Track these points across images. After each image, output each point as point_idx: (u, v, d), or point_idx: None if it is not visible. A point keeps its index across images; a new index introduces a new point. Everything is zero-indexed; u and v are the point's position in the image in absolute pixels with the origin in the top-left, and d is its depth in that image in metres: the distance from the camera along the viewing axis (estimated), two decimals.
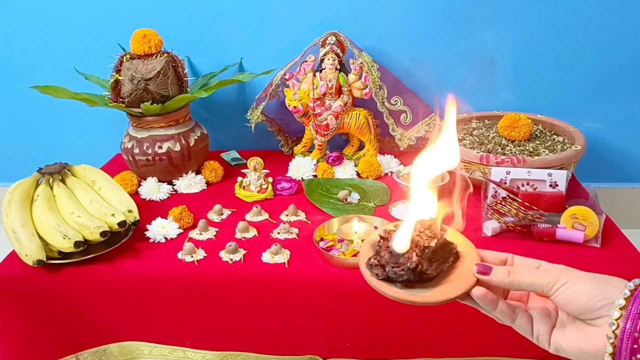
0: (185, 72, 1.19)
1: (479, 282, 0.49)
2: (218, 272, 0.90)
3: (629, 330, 0.43)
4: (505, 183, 0.98)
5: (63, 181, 1.01)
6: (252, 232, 1.00)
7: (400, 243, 0.49)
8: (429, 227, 0.50)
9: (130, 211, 0.98)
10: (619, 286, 0.45)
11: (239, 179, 1.19)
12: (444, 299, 0.48)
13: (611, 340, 0.43)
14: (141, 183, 1.19)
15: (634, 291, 0.44)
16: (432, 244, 0.49)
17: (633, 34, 1.27)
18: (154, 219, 1.02)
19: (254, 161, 1.16)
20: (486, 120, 1.24)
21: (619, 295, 0.44)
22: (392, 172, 1.21)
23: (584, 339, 0.46)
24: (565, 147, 1.07)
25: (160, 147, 1.16)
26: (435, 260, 0.50)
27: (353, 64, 1.23)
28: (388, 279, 0.50)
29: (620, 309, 0.44)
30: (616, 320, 0.43)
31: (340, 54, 1.23)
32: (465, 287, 0.48)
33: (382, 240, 0.51)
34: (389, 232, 0.51)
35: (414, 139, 1.30)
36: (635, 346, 0.42)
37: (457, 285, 0.49)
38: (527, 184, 0.98)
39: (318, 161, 1.27)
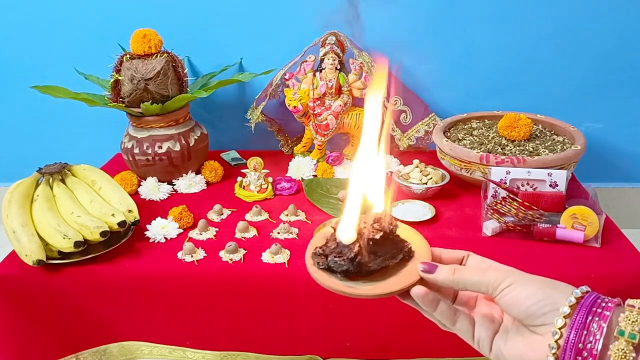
0: (185, 72, 1.19)
1: (424, 282, 0.47)
2: (218, 272, 0.90)
3: (573, 341, 0.40)
4: (505, 183, 0.98)
5: (63, 181, 1.01)
6: (252, 232, 1.00)
7: (346, 233, 0.47)
8: (378, 220, 0.48)
9: (130, 211, 0.98)
10: (566, 293, 0.42)
11: (239, 179, 1.19)
12: (379, 293, 0.46)
13: (553, 351, 0.41)
14: (141, 183, 1.19)
15: (580, 299, 0.41)
16: (377, 236, 0.47)
17: (633, 34, 1.27)
18: (154, 219, 1.02)
19: (254, 161, 1.16)
20: (486, 120, 1.24)
21: (564, 302, 0.41)
22: (392, 172, 1.21)
23: (527, 347, 0.43)
24: (565, 147, 1.07)
25: (160, 147, 1.16)
26: (380, 255, 0.48)
27: (353, 64, 1.23)
28: (329, 269, 0.48)
29: (565, 317, 0.41)
30: (559, 329, 0.41)
31: (340, 54, 1.23)
32: (405, 283, 0.46)
33: (333, 230, 0.49)
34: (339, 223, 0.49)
35: (414, 138, 1.31)
36: (579, 358, 0.40)
37: (397, 282, 0.47)
38: (527, 184, 0.98)
39: (318, 161, 1.27)
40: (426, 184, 1.11)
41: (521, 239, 0.94)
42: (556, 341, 0.41)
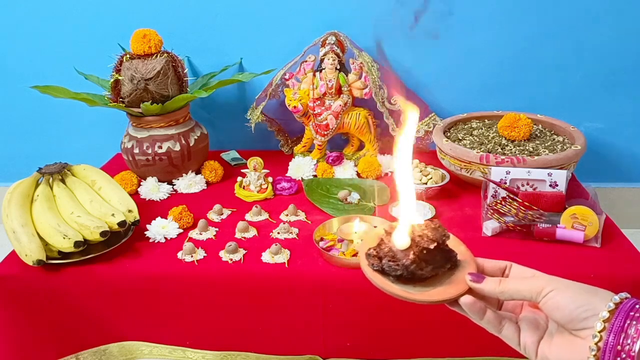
0: (185, 72, 1.19)
1: (471, 291, 0.50)
2: (218, 272, 0.90)
3: (612, 344, 0.43)
4: (505, 183, 0.98)
5: (63, 181, 1.01)
6: (252, 232, 1.00)
7: (401, 240, 0.51)
8: (432, 231, 0.51)
9: (130, 211, 0.98)
10: (605, 298, 0.45)
11: (239, 179, 1.19)
12: (431, 300, 0.50)
13: (594, 352, 0.43)
14: (141, 183, 1.19)
15: (619, 304, 0.44)
16: (431, 246, 0.50)
17: (633, 34, 1.27)
18: (154, 219, 1.02)
19: (254, 161, 1.16)
20: (486, 120, 1.24)
21: (603, 307, 0.44)
22: (392, 172, 1.21)
23: (569, 350, 0.46)
24: (565, 147, 1.07)
25: (160, 147, 1.16)
26: (431, 263, 0.51)
27: (353, 64, 1.23)
28: (382, 271, 0.52)
29: (604, 321, 0.44)
30: (599, 332, 0.43)
31: (340, 54, 1.23)
32: (455, 293, 0.50)
33: (386, 235, 0.53)
34: (394, 229, 0.52)
35: (414, 139, 1.30)
36: (618, 354, 0.42)
37: (447, 290, 0.50)
38: (527, 184, 0.98)
39: (318, 161, 1.27)
40: (426, 184, 1.11)
41: (521, 239, 0.94)
42: (596, 344, 0.43)
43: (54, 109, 1.45)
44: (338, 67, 1.23)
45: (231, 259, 0.91)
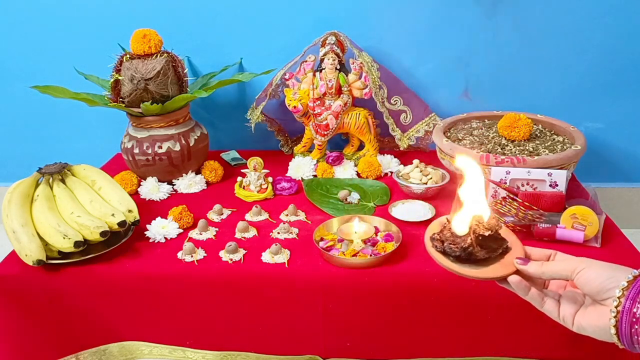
0: (185, 72, 1.19)
1: (519, 273, 0.60)
2: (218, 272, 0.90)
3: (628, 307, 0.51)
4: (505, 183, 0.98)
5: (63, 181, 1.01)
6: (252, 232, 1.00)
7: (461, 227, 0.61)
8: (489, 224, 0.61)
9: (130, 211, 0.98)
10: (626, 272, 0.54)
11: (239, 179, 1.19)
12: (483, 277, 0.61)
13: (613, 314, 0.52)
14: (141, 183, 1.19)
15: (637, 277, 0.53)
16: (486, 233, 0.61)
17: (633, 34, 1.27)
18: (154, 219, 1.02)
19: (254, 161, 1.16)
20: (486, 120, 1.24)
21: (623, 279, 0.53)
22: (392, 172, 1.21)
23: (597, 317, 0.55)
24: (565, 147, 1.07)
25: (160, 147, 1.16)
26: (485, 248, 0.61)
27: (353, 64, 1.23)
28: (444, 252, 0.62)
29: (623, 289, 0.52)
30: (618, 298, 0.52)
31: (340, 54, 1.23)
32: (504, 273, 0.60)
33: (447, 223, 0.63)
34: (454, 218, 0.62)
35: (414, 138, 1.31)
36: (633, 319, 0.51)
37: (498, 270, 0.61)
38: (527, 184, 0.98)
39: (318, 161, 1.27)
40: (426, 184, 1.11)
41: (521, 239, 0.93)
42: (616, 307, 0.52)
43: (54, 109, 1.45)
44: (338, 67, 1.23)
45: (231, 259, 0.91)
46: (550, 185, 0.97)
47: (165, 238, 0.99)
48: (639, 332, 0.51)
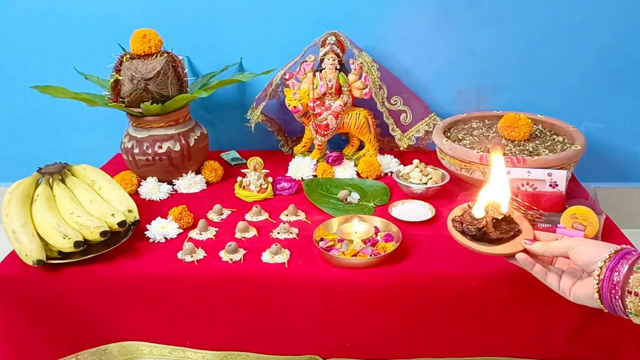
0: (185, 72, 1.19)
1: (526, 252, 0.71)
2: (218, 272, 0.90)
3: (607, 276, 0.62)
4: None
5: (63, 181, 1.01)
6: (252, 232, 1.00)
7: (478, 211, 0.73)
8: (501, 207, 0.73)
9: (130, 211, 0.98)
10: (611, 248, 0.64)
11: (239, 179, 1.19)
12: (494, 253, 0.72)
13: (596, 282, 0.63)
14: (141, 183, 1.19)
15: (619, 251, 0.63)
16: (499, 217, 0.72)
17: (633, 34, 1.27)
18: (154, 219, 1.02)
19: (254, 161, 1.16)
20: (486, 120, 1.24)
21: (607, 253, 0.63)
22: (392, 172, 1.21)
23: (587, 286, 0.65)
24: (565, 147, 1.07)
25: (160, 147, 1.16)
26: (498, 229, 0.73)
27: (353, 64, 1.23)
28: (462, 232, 0.74)
29: (605, 261, 0.63)
30: (600, 268, 0.63)
31: (340, 54, 1.23)
32: (512, 250, 0.72)
33: (468, 208, 0.75)
34: (475, 204, 0.74)
35: (414, 138, 1.31)
36: (612, 285, 0.61)
37: (507, 248, 0.72)
38: (527, 184, 0.98)
39: (318, 161, 1.27)
40: (426, 184, 1.11)
41: None
42: (598, 275, 0.63)
43: (54, 109, 1.45)
44: (338, 67, 1.23)
45: (231, 259, 0.91)
46: (550, 185, 0.97)
47: (165, 238, 0.99)
48: (617, 296, 0.61)
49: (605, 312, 0.65)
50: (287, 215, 1.06)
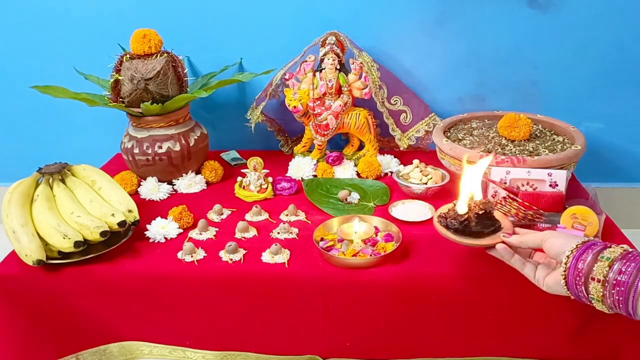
0: (185, 72, 1.19)
1: (505, 244, 0.77)
2: (218, 272, 0.90)
3: (573, 264, 0.67)
4: (505, 183, 0.98)
5: (63, 181, 1.01)
6: (252, 232, 1.00)
7: (462, 207, 0.79)
8: (483, 204, 0.78)
9: (130, 211, 0.98)
10: (578, 239, 0.69)
11: (239, 178, 1.19)
12: (474, 244, 0.79)
13: (563, 269, 0.68)
14: (141, 183, 1.19)
15: (585, 242, 0.68)
16: (480, 212, 0.78)
17: (633, 34, 1.27)
18: (154, 219, 1.02)
19: (254, 161, 1.16)
20: (486, 120, 1.24)
21: (575, 243, 0.68)
22: (392, 172, 1.21)
23: (557, 275, 0.70)
24: (565, 147, 1.07)
25: (160, 147, 1.16)
26: (479, 224, 0.78)
27: (353, 64, 1.23)
28: (447, 226, 0.80)
29: (572, 250, 0.68)
30: (567, 257, 0.68)
31: (340, 54, 1.23)
32: (491, 242, 0.78)
33: (453, 206, 0.81)
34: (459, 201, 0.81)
35: (414, 138, 1.31)
36: (576, 272, 0.66)
37: (487, 241, 0.78)
38: (527, 184, 0.98)
39: (318, 161, 1.27)
40: (426, 184, 1.11)
41: None
42: (565, 264, 0.68)
43: (54, 109, 1.45)
44: (338, 67, 1.23)
45: (231, 259, 0.91)
46: (550, 185, 0.97)
47: (165, 238, 0.99)
48: (580, 283, 0.66)
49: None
50: (287, 215, 1.06)
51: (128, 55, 1.14)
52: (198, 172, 1.24)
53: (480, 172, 0.82)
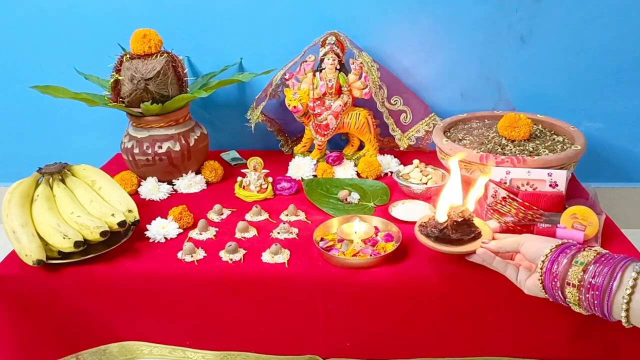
0: (185, 72, 1.19)
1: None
2: (218, 272, 0.90)
3: (548, 267, 0.69)
4: (505, 183, 0.98)
5: (63, 181, 1.01)
6: (252, 232, 1.00)
7: (441, 216, 0.81)
8: (462, 212, 0.81)
9: (130, 211, 0.98)
10: (554, 243, 0.71)
11: (239, 178, 1.19)
12: (454, 252, 0.81)
13: (540, 273, 0.70)
14: (141, 183, 1.19)
15: (560, 245, 0.70)
16: (459, 220, 0.80)
17: (633, 34, 1.27)
18: (154, 219, 1.02)
19: (254, 161, 1.16)
20: (486, 120, 1.24)
21: (550, 247, 0.70)
22: (392, 172, 1.21)
23: (535, 279, 0.72)
24: (565, 147, 1.07)
25: (160, 147, 1.16)
26: (459, 231, 0.81)
27: (353, 63, 1.23)
28: (427, 235, 0.82)
29: (547, 254, 0.70)
30: (542, 261, 0.70)
31: (340, 54, 1.23)
32: (471, 249, 0.80)
33: (433, 214, 0.83)
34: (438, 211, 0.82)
35: (414, 138, 1.31)
36: (552, 275, 0.68)
37: (466, 249, 0.80)
38: (527, 184, 0.98)
39: (318, 161, 1.27)
40: (426, 184, 1.11)
41: None
42: (541, 268, 0.70)
43: (54, 109, 1.45)
44: (338, 67, 1.23)
45: (231, 259, 0.91)
46: (550, 185, 0.97)
47: (165, 238, 0.99)
48: (555, 286, 0.68)
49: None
50: (287, 215, 1.06)
51: (128, 55, 1.14)
52: (198, 172, 1.24)
53: (458, 180, 0.84)
